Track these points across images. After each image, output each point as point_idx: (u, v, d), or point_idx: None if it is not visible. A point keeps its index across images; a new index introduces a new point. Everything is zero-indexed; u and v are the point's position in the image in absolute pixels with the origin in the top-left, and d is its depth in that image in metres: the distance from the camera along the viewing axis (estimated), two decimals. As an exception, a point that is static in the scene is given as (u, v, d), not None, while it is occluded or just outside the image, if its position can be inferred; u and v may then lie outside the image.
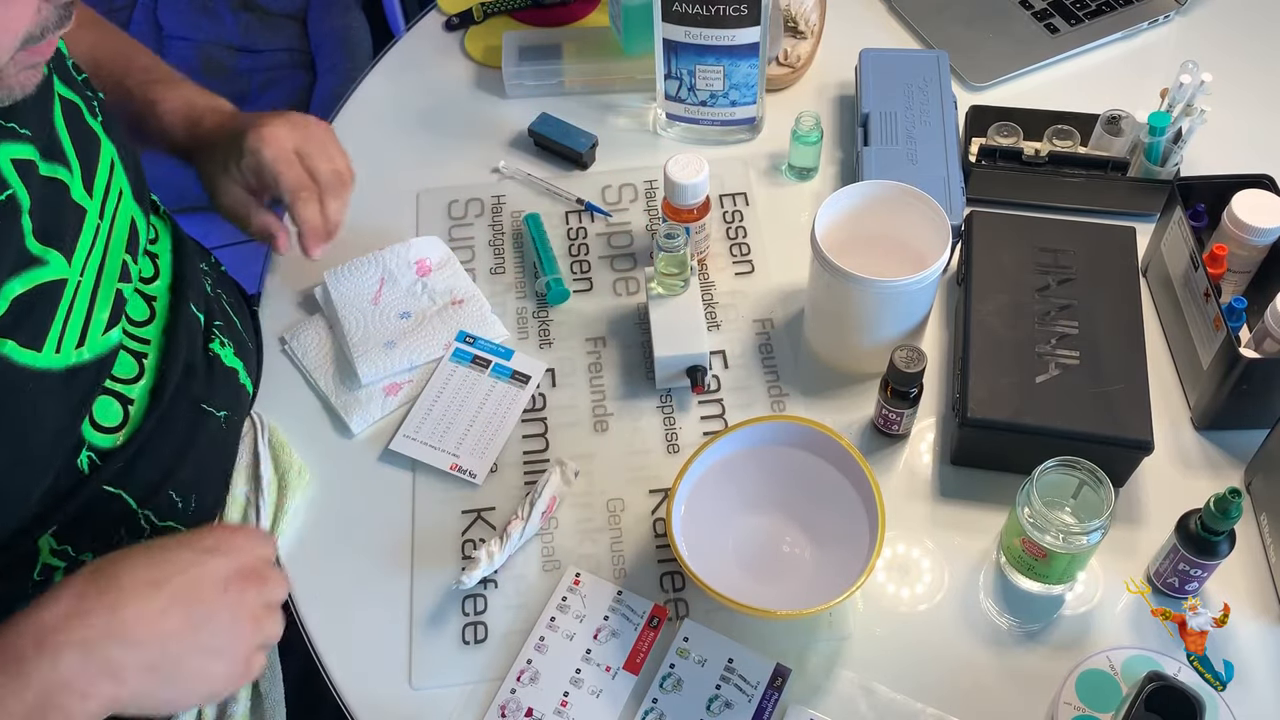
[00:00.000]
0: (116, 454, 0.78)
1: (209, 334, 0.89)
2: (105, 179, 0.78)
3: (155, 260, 0.86)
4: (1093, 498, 0.78)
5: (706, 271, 1.04)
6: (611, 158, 1.13)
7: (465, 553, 0.88)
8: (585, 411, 0.95)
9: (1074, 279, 0.91)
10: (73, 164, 0.75)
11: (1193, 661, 0.79)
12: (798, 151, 1.08)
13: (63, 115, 0.75)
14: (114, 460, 0.78)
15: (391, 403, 0.95)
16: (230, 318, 0.94)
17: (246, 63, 2.21)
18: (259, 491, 0.88)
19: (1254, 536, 0.86)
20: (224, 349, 0.90)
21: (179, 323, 0.85)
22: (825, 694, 0.80)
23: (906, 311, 0.90)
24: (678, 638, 0.82)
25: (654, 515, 0.89)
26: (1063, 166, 1.05)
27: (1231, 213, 0.91)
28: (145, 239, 0.84)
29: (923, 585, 0.85)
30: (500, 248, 1.07)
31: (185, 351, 0.85)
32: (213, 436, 0.87)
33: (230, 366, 0.91)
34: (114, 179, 0.80)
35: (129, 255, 0.81)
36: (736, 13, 1.01)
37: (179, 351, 0.84)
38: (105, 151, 0.79)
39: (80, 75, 0.81)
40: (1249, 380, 0.85)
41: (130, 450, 0.79)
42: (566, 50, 1.20)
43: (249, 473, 0.90)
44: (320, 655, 0.84)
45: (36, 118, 0.72)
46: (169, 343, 0.84)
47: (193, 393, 0.85)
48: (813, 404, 0.95)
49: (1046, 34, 1.21)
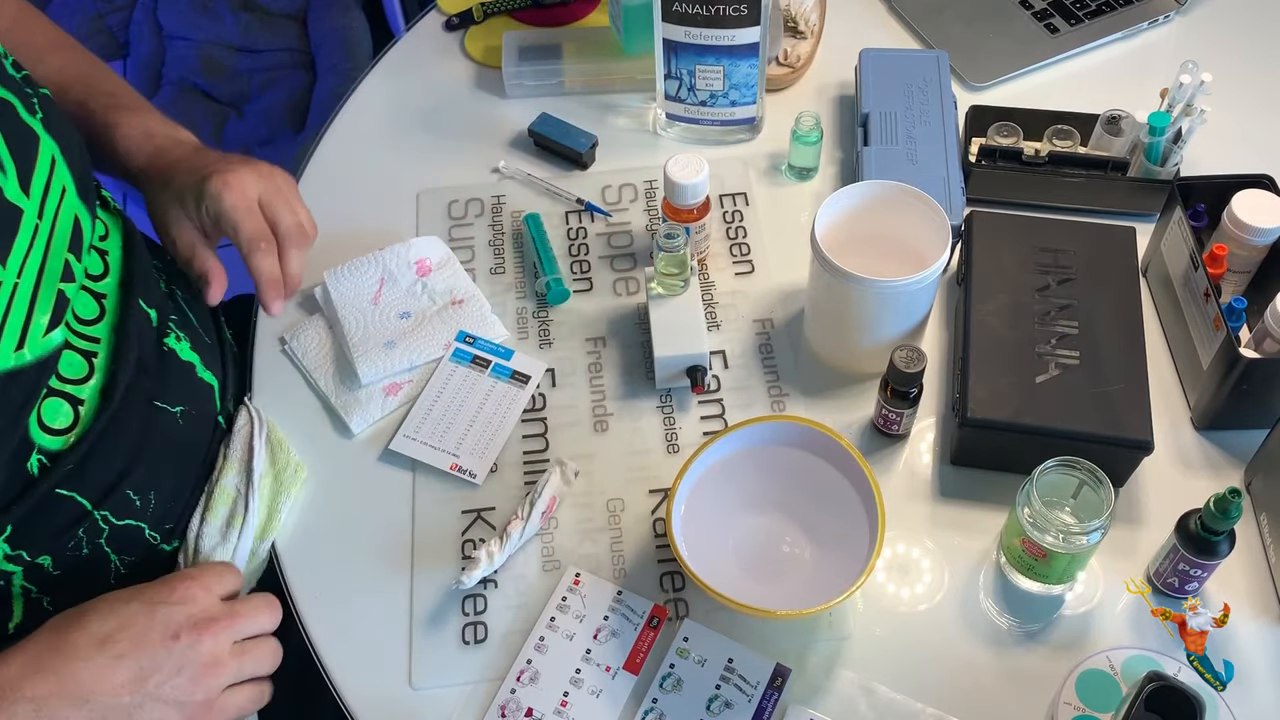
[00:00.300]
0: (66, 456, 0.77)
1: (163, 329, 0.87)
2: (45, 177, 0.77)
3: (105, 257, 0.84)
4: (1093, 498, 0.78)
5: (706, 271, 1.04)
6: (611, 158, 1.13)
7: (465, 553, 0.88)
8: (585, 411, 0.95)
9: (1074, 279, 0.91)
10: (6, 164, 0.73)
11: (1193, 661, 0.79)
12: (798, 151, 1.08)
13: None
14: (63, 462, 0.77)
15: (391, 403, 0.95)
16: (186, 313, 0.92)
17: (246, 63, 2.21)
18: (250, 486, 0.88)
19: (1254, 536, 0.86)
20: (179, 343, 0.89)
21: (129, 320, 0.83)
22: (825, 694, 0.80)
23: (906, 311, 0.90)
24: (678, 638, 0.82)
25: (654, 515, 0.89)
26: (1063, 166, 1.05)
27: (1231, 213, 0.91)
28: (93, 236, 0.82)
29: (923, 585, 0.85)
30: (500, 248, 1.07)
31: (137, 349, 0.83)
32: (168, 433, 0.86)
33: (187, 361, 0.89)
34: (55, 176, 0.78)
35: (72, 254, 0.79)
36: (736, 13, 1.01)
37: (130, 349, 0.82)
38: (45, 148, 0.77)
39: (20, 73, 0.78)
40: (1249, 380, 0.85)
41: (80, 451, 0.78)
42: (566, 50, 1.20)
43: (241, 466, 0.89)
44: (320, 655, 0.84)
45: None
46: (119, 341, 0.82)
47: (145, 390, 0.84)
48: (813, 404, 0.95)
49: (1046, 34, 1.21)
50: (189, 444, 0.89)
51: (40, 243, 0.76)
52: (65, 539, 0.79)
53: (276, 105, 2.13)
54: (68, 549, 0.80)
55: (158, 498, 0.85)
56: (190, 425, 0.88)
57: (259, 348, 1.00)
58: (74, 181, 0.80)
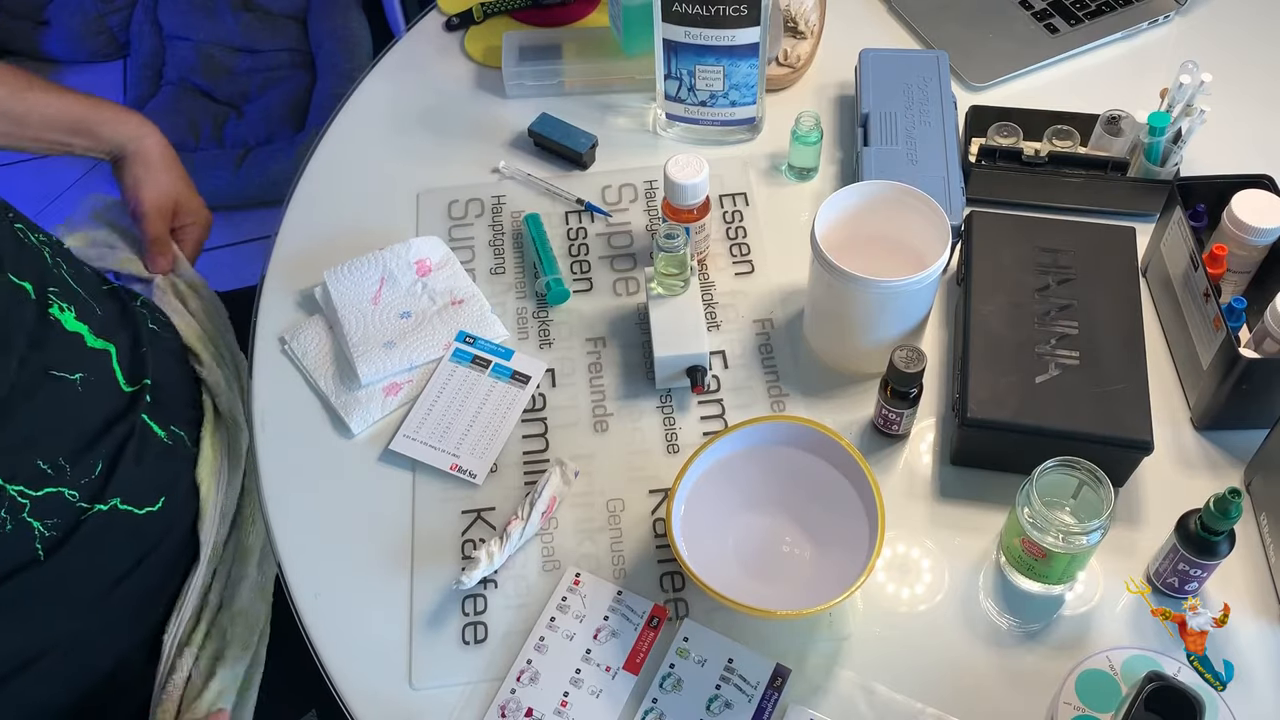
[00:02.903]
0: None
1: (44, 300, 0.86)
2: None
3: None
4: (1093, 498, 0.78)
5: (706, 271, 1.04)
6: (611, 158, 1.13)
7: (465, 553, 0.88)
8: (585, 411, 0.95)
9: (1074, 279, 0.91)
10: None
11: (1193, 661, 0.79)
12: (798, 151, 1.08)
13: None
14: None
15: (391, 403, 0.95)
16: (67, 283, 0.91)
17: (246, 63, 2.21)
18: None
19: (1254, 536, 0.86)
20: (64, 314, 0.88)
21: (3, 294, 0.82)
22: (825, 694, 0.80)
23: (906, 311, 0.90)
24: (678, 638, 0.82)
25: (654, 515, 0.89)
26: (1062, 167, 1.05)
27: (1231, 213, 0.91)
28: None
29: (923, 585, 0.85)
30: (500, 248, 1.07)
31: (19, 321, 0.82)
32: (67, 400, 0.85)
33: (74, 331, 0.88)
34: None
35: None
36: (736, 13, 1.01)
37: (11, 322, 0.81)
38: None
39: None
40: (1249, 380, 0.85)
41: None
42: (566, 50, 1.20)
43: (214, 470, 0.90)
44: (320, 655, 0.84)
45: None
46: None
47: (40, 361, 0.83)
48: (813, 404, 0.95)
49: (1046, 34, 1.21)
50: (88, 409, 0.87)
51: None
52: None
53: (276, 105, 2.13)
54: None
55: (69, 461, 0.84)
56: (90, 391, 0.87)
57: (259, 348, 1.00)
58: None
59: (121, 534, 0.87)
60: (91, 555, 0.84)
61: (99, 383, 0.88)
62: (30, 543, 0.82)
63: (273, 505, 0.91)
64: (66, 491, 0.83)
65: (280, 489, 0.92)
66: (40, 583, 0.82)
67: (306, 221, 1.10)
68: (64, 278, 0.90)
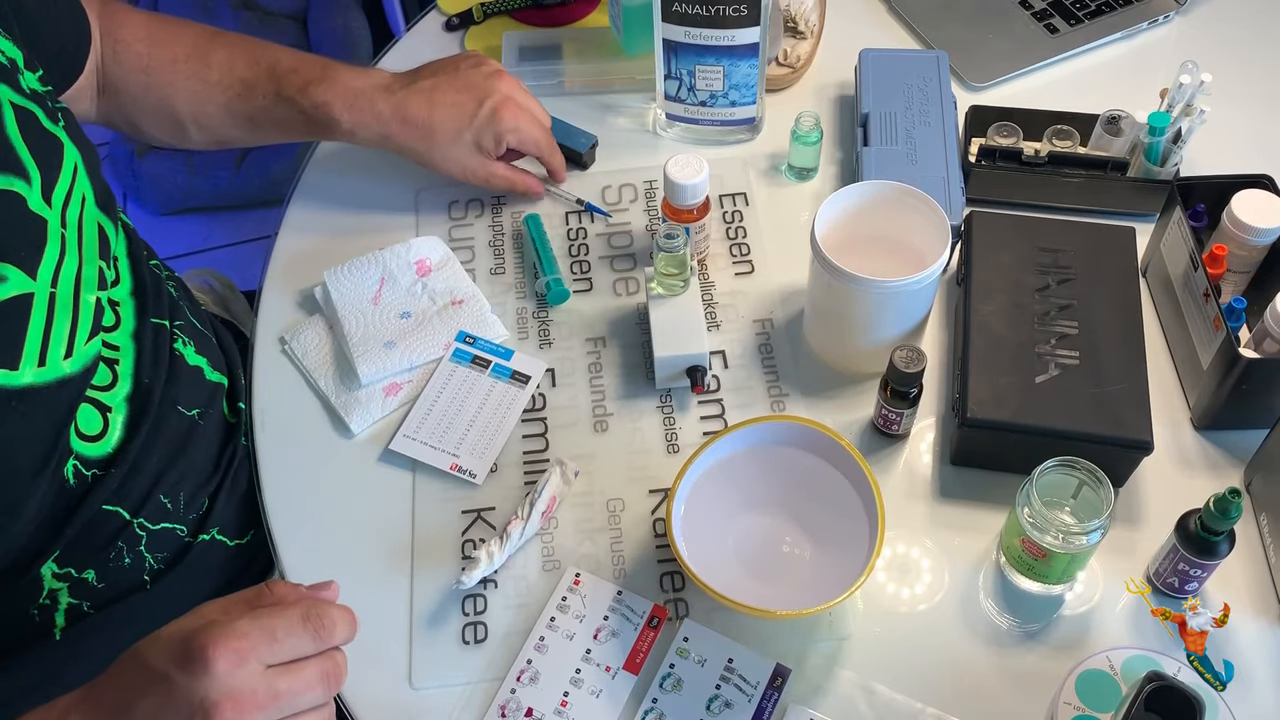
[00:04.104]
0: (110, 470, 0.79)
1: (172, 335, 0.89)
2: (67, 185, 0.77)
3: (115, 264, 0.85)
4: (1092, 498, 0.78)
5: (706, 271, 1.04)
6: (611, 158, 1.13)
7: (465, 553, 0.88)
8: (585, 411, 0.95)
9: (1074, 279, 0.91)
10: (31, 174, 0.73)
11: (1193, 661, 0.79)
12: (797, 151, 1.08)
13: (17, 124, 0.73)
14: (109, 479, 0.78)
15: (391, 403, 0.95)
16: (188, 317, 0.93)
17: (246, 63, 2.21)
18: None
19: (1254, 536, 0.86)
20: (186, 348, 0.90)
21: (145, 326, 0.85)
22: (825, 694, 0.80)
23: (906, 311, 0.90)
24: (678, 638, 0.82)
25: (654, 515, 0.89)
26: (1062, 166, 1.05)
27: (1231, 213, 0.91)
28: (115, 244, 0.84)
29: (923, 585, 0.85)
30: (500, 248, 1.07)
31: (156, 354, 0.84)
32: (188, 435, 0.87)
33: (194, 365, 0.90)
34: (76, 184, 0.78)
35: (103, 261, 0.80)
36: (736, 13, 1.01)
37: (148, 355, 0.84)
38: (69, 156, 0.78)
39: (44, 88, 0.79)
40: (1249, 380, 0.85)
41: (125, 465, 0.80)
42: (566, 50, 1.20)
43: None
44: (320, 655, 0.84)
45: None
46: (139, 347, 0.84)
47: (170, 395, 0.85)
48: (813, 404, 0.95)
49: (1046, 34, 1.21)
50: (203, 444, 0.90)
51: (71, 250, 0.76)
52: (108, 551, 0.81)
53: (276, 105, 2.12)
54: (110, 560, 0.81)
55: (185, 498, 0.86)
56: (205, 425, 0.90)
57: (259, 348, 1.00)
58: (93, 190, 0.81)
59: (215, 561, 0.90)
60: (189, 582, 0.87)
61: (213, 417, 0.91)
62: (141, 574, 0.84)
63: (273, 505, 0.91)
64: (179, 528, 0.86)
65: (280, 489, 0.92)
66: (143, 608, 0.84)
67: (306, 221, 1.10)
68: (184, 310, 0.92)
